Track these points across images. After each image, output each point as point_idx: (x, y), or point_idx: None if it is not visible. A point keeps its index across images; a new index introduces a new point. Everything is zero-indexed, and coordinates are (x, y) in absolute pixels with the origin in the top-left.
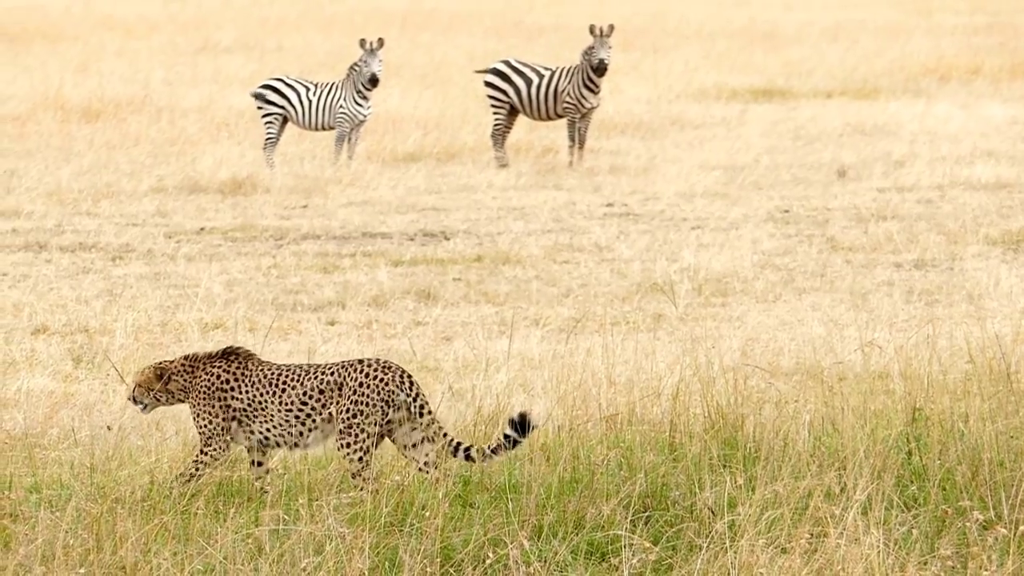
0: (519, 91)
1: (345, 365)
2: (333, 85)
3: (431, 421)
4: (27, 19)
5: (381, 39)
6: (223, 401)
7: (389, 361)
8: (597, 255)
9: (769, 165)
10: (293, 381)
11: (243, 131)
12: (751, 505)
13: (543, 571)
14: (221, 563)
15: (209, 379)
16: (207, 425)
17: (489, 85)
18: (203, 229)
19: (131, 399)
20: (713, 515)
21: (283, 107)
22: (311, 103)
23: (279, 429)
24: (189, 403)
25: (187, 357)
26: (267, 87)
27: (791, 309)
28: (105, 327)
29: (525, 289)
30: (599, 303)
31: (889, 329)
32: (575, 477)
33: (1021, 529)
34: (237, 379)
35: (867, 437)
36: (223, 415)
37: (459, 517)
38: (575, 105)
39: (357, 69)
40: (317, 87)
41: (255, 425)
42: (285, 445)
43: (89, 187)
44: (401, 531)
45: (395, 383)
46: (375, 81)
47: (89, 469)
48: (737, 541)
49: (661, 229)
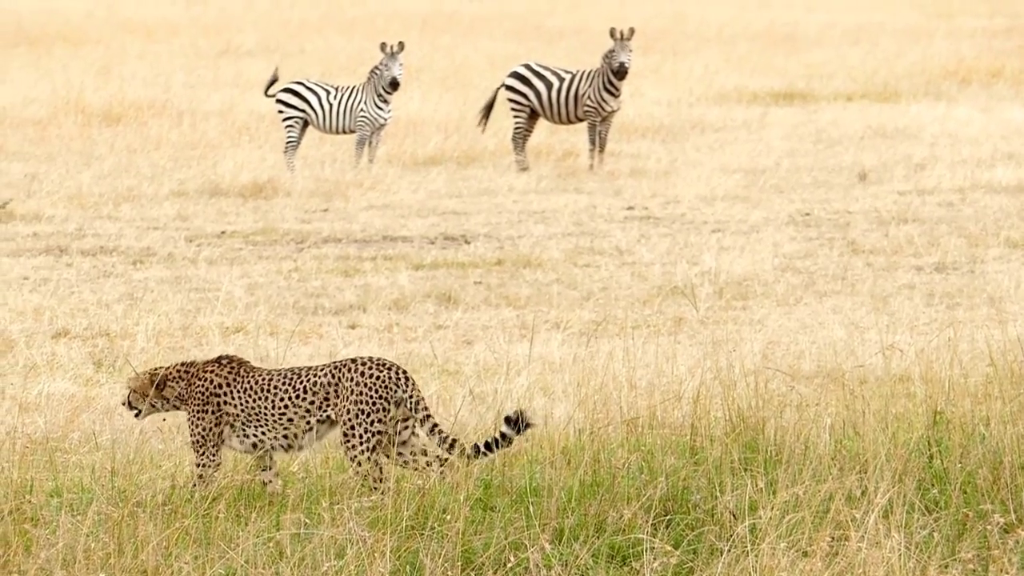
0: (540, 94)
1: (338, 366)
2: (354, 89)
3: (427, 417)
4: (48, 23)
5: (402, 42)
6: (216, 406)
7: (383, 359)
8: (618, 258)
9: (790, 168)
10: (285, 384)
11: (264, 135)
12: (772, 508)
13: (564, 574)
14: (242, 567)
15: (204, 384)
16: (200, 432)
17: (510, 88)
18: (224, 233)
19: (125, 404)
20: (734, 519)
21: (304, 111)
22: (332, 107)
23: (273, 432)
24: (186, 410)
25: (183, 364)
26: (288, 90)
27: (812, 312)
28: (126, 331)
29: (546, 292)
30: (620, 306)
31: (910, 332)
32: (596, 480)
33: None
34: (230, 384)
35: (888, 440)
36: (216, 420)
37: (480, 520)
38: (596, 108)
39: (378, 72)
40: (338, 90)
41: (249, 429)
42: (280, 448)
43: (110, 191)
44: (422, 535)
45: (393, 381)
46: (395, 84)
47: (110, 473)
48: (758, 545)
49: (682, 232)
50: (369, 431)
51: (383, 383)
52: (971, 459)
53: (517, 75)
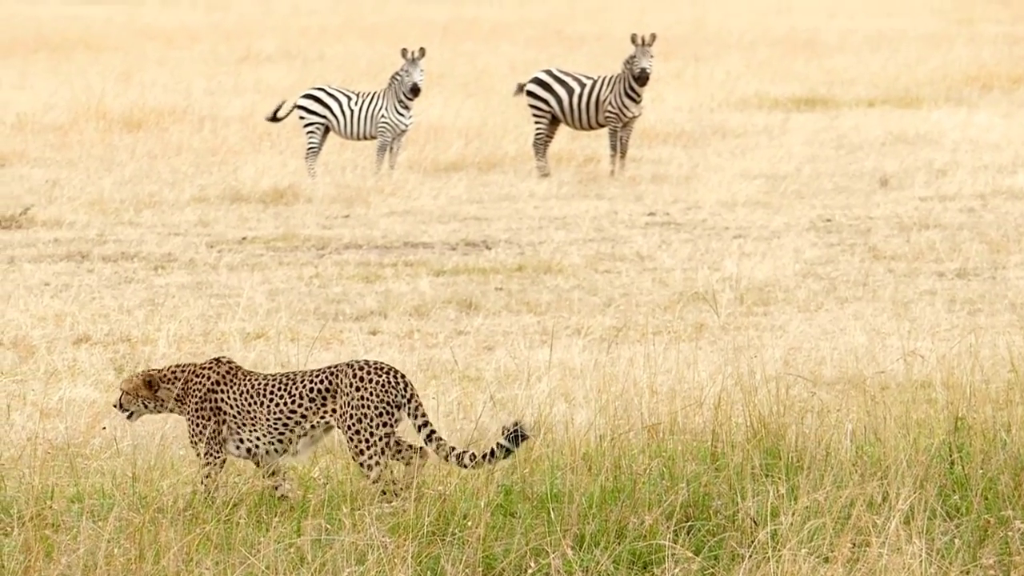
0: (561, 100)
1: (335, 371)
2: (375, 95)
3: (425, 424)
4: (69, 29)
5: (423, 48)
6: (214, 403)
7: (382, 362)
8: (639, 264)
9: (811, 174)
10: (280, 389)
11: (285, 141)
12: (793, 515)
13: None
14: (263, 572)
15: (200, 382)
16: (201, 432)
17: (531, 94)
18: (245, 239)
19: (117, 406)
20: (755, 524)
21: (325, 116)
22: (353, 112)
23: (268, 438)
24: (184, 412)
25: (177, 366)
26: (309, 96)
27: (833, 318)
28: (147, 337)
29: (567, 298)
30: (641, 312)
31: (931, 338)
32: (617, 487)
33: None
34: (227, 382)
35: (909, 446)
36: (215, 418)
37: (501, 526)
38: (617, 114)
39: (399, 78)
40: (359, 96)
41: (244, 434)
42: (275, 453)
43: (131, 197)
44: (443, 540)
45: (392, 385)
46: (417, 91)
47: (131, 479)
48: (779, 551)
49: (703, 238)
50: (375, 435)
51: (383, 387)
52: (992, 465)
53: (538, 81)
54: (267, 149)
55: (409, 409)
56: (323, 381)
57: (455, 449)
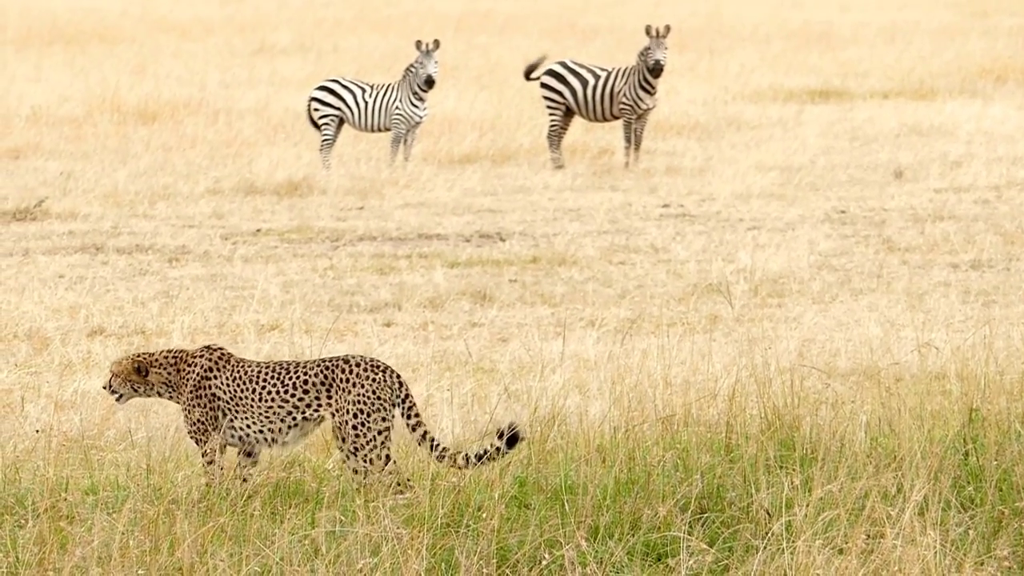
0: (575, 92)
1: (330, 365)
2: (389, 87)
3: (418, 424)
4: (83, 21)
5: (437, 41)
6: (208, 389)
7: (377, 359)
8: (653, 256)
9: (825, 166)
10: (273, 378)
11: (299, 133)
12: (808, 506)
13: (599, 572)
14: (278, 564)
15: (193, 370)
16: (198, 417)
17: (545, 86)
18: (259, 231)
19: (106, 388)
20: (769, 516)
21: (339, 109)
22: (367, 105)
23: (258, 426)
24: (180, 401)
25: (169, 351)
26: (323, 88)
27: (848, 310)
28: (162, 329)
29: (581, 290)
30: (655, 304)
31: (946, 330)
32: (631, 478)
33: None
34: (220, 368)
35: (924, 438)
36: (211, 404)
37: (515, 518)
38: (631, 106)
39: (413, 71)
40: (373, 89)
41: (236, 422)
42: (264, 442)
43: (145, 189)
44: (457, 532)
45: (387, 383)
46: (431, 83)
47: (145, 471)
48: (794, 542)
49: (717, 230)
50: (374, 429)
51: (379, 384)
52: (1007, 456)
53: (553, 73)
54: (281, 141)
55: (403, 409)
56: (318, 374)
57: (448, 449)
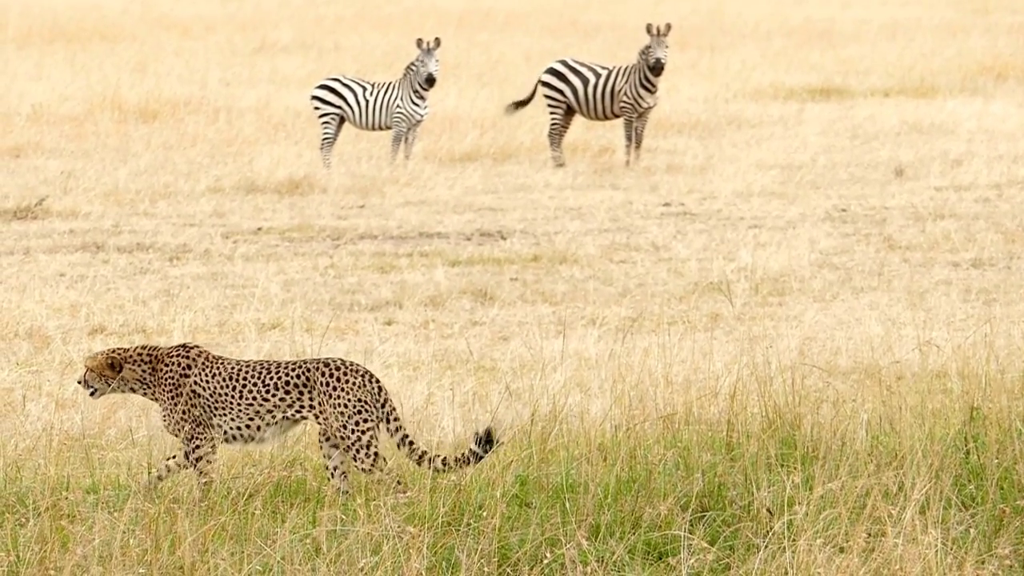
0: (576, 90)
1: (310, 367)
2: (390, 85)
3: (398, 428)
4: (84, 19)
5: (438, 39)
6: (187, 387)
7: (357, 364)
8: (654, 254)
9: (826, 164)
10: (253, 376)
11: (300, 131)
12: (808, 504)
13: (600, 571)
14: (279, 563)
15: (170, 368)
16: (179, 416)
17: (546, 85)
18: (260, 229)
19: (81, 382)
20: (771, 515)
21: (340, 107)
22: (368, 103)
23: (236, 423)
24: (158, 401)
25: (143, 347)
26: (324, 87)
27: (848, 308)
28: (163, 327)
29: (582, 289)
30: (656, 302)
31: (947, 328)
32: (632, 477)
33: None
34: (199, 366)
35: (925, 436)
36: (191, 402)
37: (516, 517)
38: (632, 104)
39: (414, 69)
40: (374, 87)
41: (215, 419)
42: (241, 440)
43: (146, 187)
44: (458, 531)
45: (368, 386)
46: (432, 81)
47: (146, 469)
48: (795, 541)
49: (718, 228)
50: (358, 430)
51: (359, 387)
52: (1008, 455)
53: (553, 71)
54: (282, 140)
55: (382, 414)
56: (299, 376)
57: (427, 453)
